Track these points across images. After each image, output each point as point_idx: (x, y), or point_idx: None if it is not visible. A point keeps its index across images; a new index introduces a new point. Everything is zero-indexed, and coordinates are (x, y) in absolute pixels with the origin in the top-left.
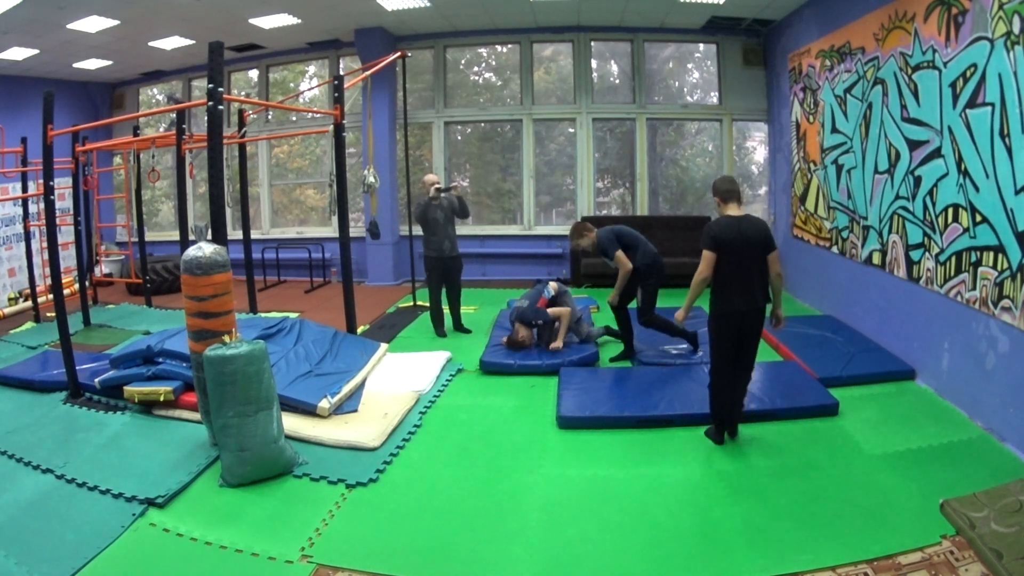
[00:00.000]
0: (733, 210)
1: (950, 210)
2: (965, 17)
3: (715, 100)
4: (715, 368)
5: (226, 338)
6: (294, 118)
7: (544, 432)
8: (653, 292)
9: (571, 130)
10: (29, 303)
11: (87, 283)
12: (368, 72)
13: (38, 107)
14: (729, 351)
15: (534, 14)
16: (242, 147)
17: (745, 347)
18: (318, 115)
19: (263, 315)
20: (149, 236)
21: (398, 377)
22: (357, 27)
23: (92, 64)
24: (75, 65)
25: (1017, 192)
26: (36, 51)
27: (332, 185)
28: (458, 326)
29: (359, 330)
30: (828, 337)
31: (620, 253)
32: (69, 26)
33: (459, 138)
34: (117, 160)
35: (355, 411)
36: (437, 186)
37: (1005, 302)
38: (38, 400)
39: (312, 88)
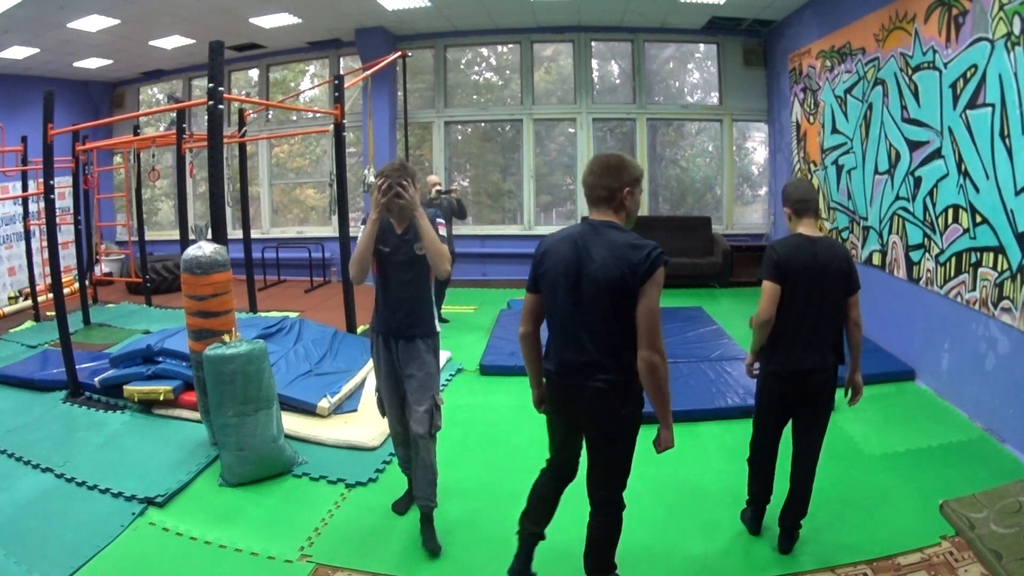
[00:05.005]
0: (808, 228)
1: (950, 211)
2: (965, 18)
3: (715, 100)
4: (756, 437)
5: (226, 337)
6: (294, 118)
7: (544, 432)
8: None
9: (571, 130)
10: (29, 302)
11: (87, 282)
12: (368, 72)
13: (38, 106)
14: (775, 420)
15: (534, 14)
16: (242, 146)
17: (806, 419)
18: (318, 115)
19: (263, 314)
20: (149, 235)
21: None
22: (357, 27)
23: (92, 63)
24: (75, 64)
25: (1017, 193)
26: (36, 50)
27: (332, 185)
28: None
29: (359, 330)
30: None
31: None
32: (69, 25)
33: (459, 138)
34: (117, 159)
35: (355, 411)
36: (438, 188)
37: (1005, 303)
38: (38, 399)
39: (312, 88)
